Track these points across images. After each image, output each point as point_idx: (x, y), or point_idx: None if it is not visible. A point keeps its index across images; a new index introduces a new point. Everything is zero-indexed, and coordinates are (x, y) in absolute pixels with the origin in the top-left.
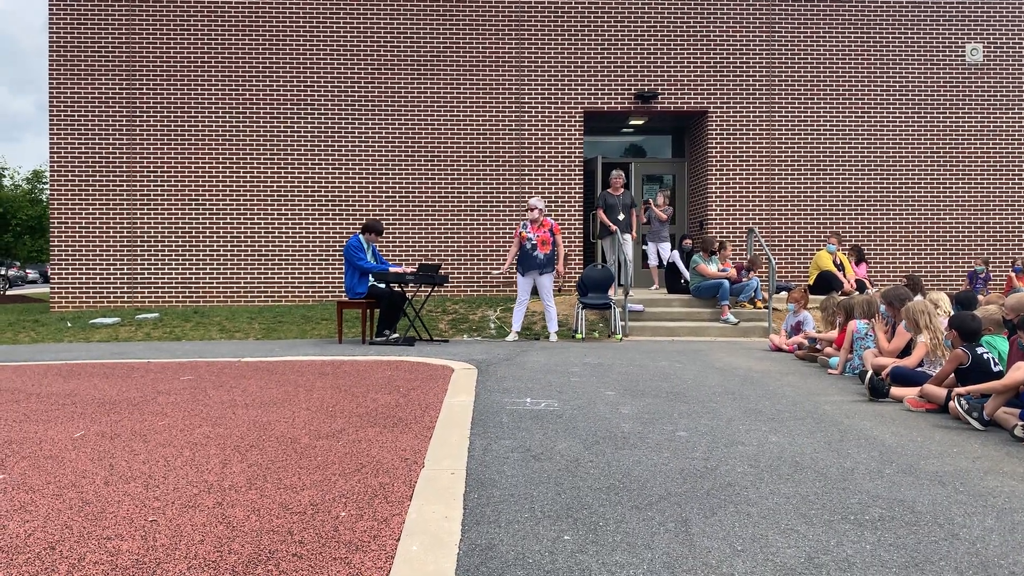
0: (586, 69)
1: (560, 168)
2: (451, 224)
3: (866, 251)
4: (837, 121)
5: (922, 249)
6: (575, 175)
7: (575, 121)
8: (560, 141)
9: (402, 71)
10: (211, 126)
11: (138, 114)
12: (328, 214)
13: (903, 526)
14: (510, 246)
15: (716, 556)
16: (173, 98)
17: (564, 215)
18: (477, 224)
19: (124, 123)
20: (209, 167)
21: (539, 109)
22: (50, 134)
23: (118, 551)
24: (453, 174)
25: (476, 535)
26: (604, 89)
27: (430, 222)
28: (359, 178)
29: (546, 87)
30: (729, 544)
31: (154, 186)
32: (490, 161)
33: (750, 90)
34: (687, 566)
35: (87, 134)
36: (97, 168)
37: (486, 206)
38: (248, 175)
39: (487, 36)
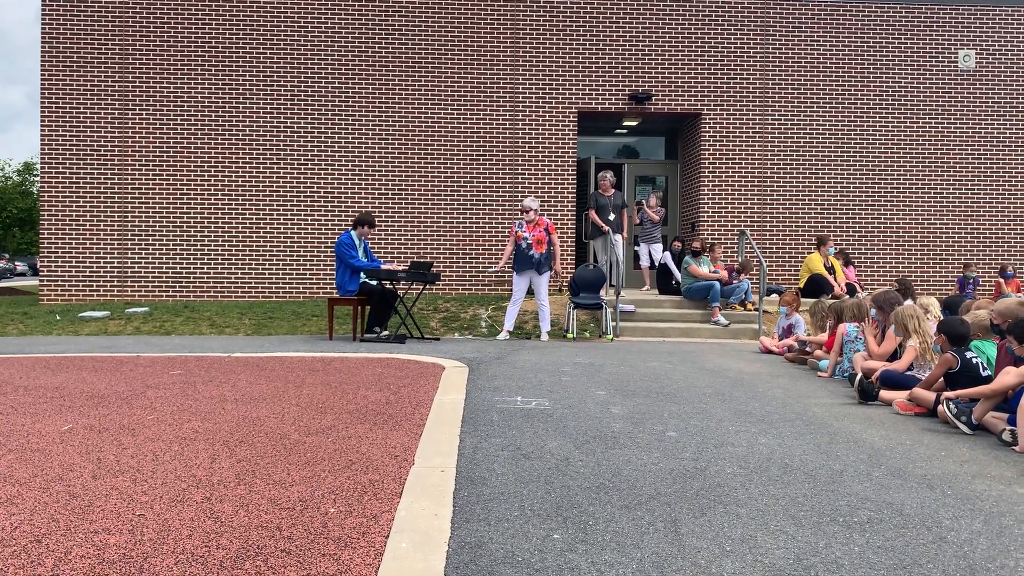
0: (580, 69)
1: (553, 168)
2: (443, 222)
3: (857, 254)
4: (829, 125)
5: (912, 254)
6: (568, 175)
7: (569, 121)
8: (554, 141)
9: (396, 68)
10: (203, 120)
11: (130, 107)
12: (320, 210)
13: (891, 528)
14: (505, 244)
15: (705, 556)
16: (165, 91)
17: (557, 215)
18: (469, 223)
19: (116, 116)
20: (201, 161)
21: (533, 108)
22: (41, 126)
23: (105, 545)
24: (446, 172)
25: (466, 533)
26: (598, 90)
27: (422, 220)
28: (351, 175)
29: (540, 87)
30: (718, 544)
31: (145, 180)
32: (483, 160)
33: (743, 93)
34: (676, 566)
35: (79, 126)
36: (88, 161)
37: (479, 205)
38: (240, 170)
39: (482, 34)
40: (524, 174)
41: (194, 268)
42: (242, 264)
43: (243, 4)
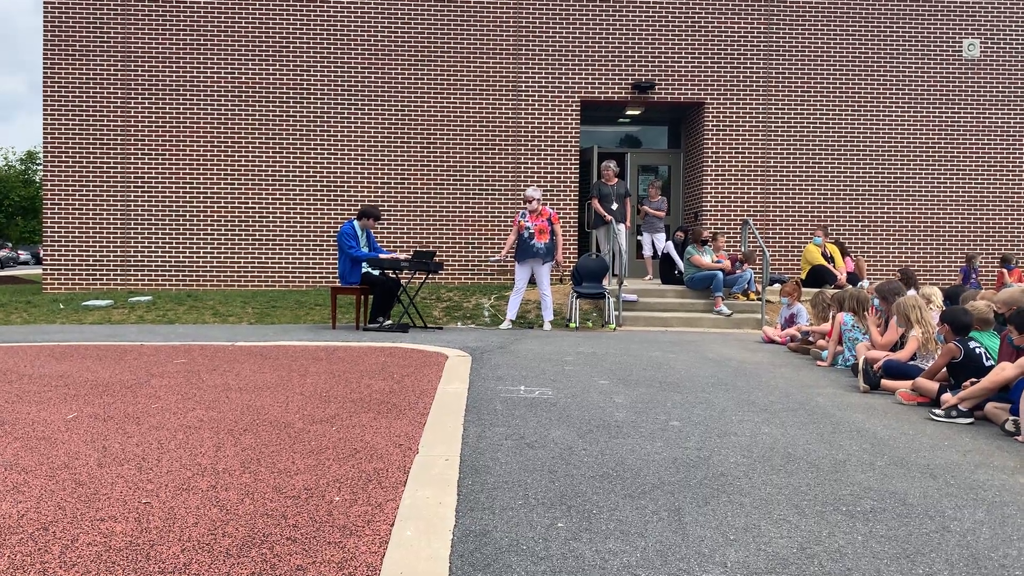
0: (583, 59)
1: (556, 157)
2: (446, 211)
3: (861, 243)
4: (833, 115)
5: (916, 244)
6: (571, 165)
7: (572, 111)
8: (557, 130)
9: (400, 57)
10: (206, 108)
11: (133, 95)
12: (323, 199)
13: (894, 518)
14: (508, 234)
15: (709, 545)
16: (168, 79)
17: (560, 204)
18: (472, 212)
19: (119, 103)
20: (204, 149)
21: (536, 98)
22: (44, 114)
23: (111, 533)
24: (449, 161)
25: (470, 521)
26: (601, 79)
27: (425, 209)
28: (354, 164)
29: (543, 76)
30: (722, 533)
31: (148, 168)
32: (487, 149)
33: (747, 82)
34: (680, 554)
35: (81, 115)
36: (91, 149)
37: (482, 194)
38: (243, 158)
39: (486, 23)
40: (527, 163)
41: (197, 257)
42: (245, 253)
43: None
